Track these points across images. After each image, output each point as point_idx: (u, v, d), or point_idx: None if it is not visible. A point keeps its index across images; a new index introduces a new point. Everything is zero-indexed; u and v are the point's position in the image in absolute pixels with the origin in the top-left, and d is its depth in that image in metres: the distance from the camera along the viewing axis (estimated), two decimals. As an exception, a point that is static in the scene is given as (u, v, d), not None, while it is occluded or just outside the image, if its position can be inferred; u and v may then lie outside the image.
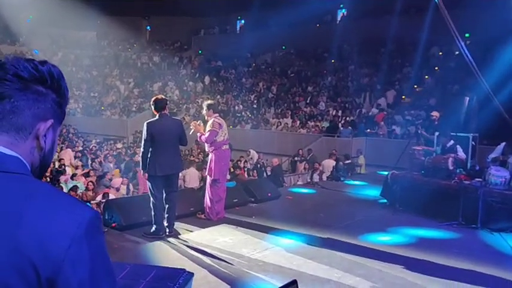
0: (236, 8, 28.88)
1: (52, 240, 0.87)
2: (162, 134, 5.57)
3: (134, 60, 31.70)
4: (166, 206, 5.73)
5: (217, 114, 6.56)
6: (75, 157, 14.35)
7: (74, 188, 8.92)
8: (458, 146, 7.67)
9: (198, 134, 6.40)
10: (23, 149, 0.98)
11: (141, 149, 5.68)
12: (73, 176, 10.60)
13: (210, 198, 6.52)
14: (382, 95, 18.82)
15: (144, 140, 5.59)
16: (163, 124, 5.64)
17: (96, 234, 0.92)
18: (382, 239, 5.91)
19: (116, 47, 33.55)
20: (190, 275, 2.33)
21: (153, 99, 5.83)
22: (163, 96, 5.98)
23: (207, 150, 6.65)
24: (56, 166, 11.36)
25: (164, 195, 5.73)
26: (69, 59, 30.94)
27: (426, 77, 18.52)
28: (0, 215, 0.88)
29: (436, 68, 19.05)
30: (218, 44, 29.26)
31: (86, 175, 11.25)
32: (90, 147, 17.44)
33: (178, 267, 2.96)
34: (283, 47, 28.03)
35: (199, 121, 6.68)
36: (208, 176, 6.57)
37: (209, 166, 6.49)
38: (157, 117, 5.68)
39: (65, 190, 9.12)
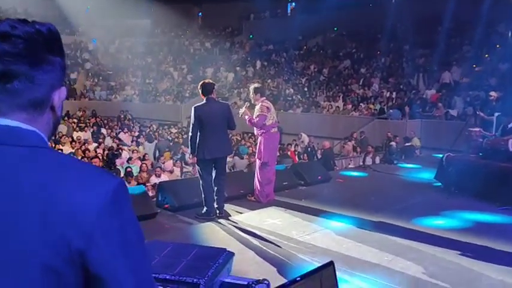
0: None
1: (81, 212, 0.86)
2: (209, 117, 5.62)
3: (187, 46, 32.17)
4: (215, 188, 5.81)
5: (264, 98, 6.53)
6: (131, 141, 14.86)
7: (129, 171, 9.21)
8: (520, 127, 7.24)
9: (247, 117, 6.40)
10: (41, 123, 0.97)
11: (189, 133, 5.76)
12: (129, 160, 10.96)
13: (259, 181, 6.55)
14: (438, 75, 18.05)
15: (192, 124, 5.66)
16: (211, 108, 5.68)
17: (124, 201, 0.91)
18: (436, 223, 5.71)
19: (169, 34, 34.15)
20: (231, 254, 2.35)
21: (200, 83, 5.88)
22: (211, 80, 6.01)
23: (256, 133, 6.66)
24: (114, 150, 11.79)
25: (213, 177, 5.80)
26: (124, 47, 31.89)
27: (486, 55, 17.55)
28: (25, 190, 0.86)
29: (498, 46, 18.00)
30: (269, 28, 29.07)
31: (142, 159, 11.61)
32: (147, 131, 17.96)
33: (221, 247, 2.99)
34: (335, 29, 27.47)
35: (247, 103, 6.68)
36: (257, 159, 6.59)
37: (258, 149, 6.51)
38: (204, 101, 5.73)
39: (122, 173, 9.49)
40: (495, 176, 6.65)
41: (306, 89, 21.73)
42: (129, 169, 9.68)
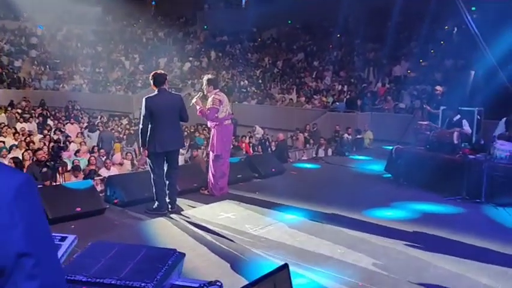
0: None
1: None
2: (161, 109, 5.42)
3: (139, 35, 31.39)
4: (167, 182, 5.63)
5: (217, 90, 6.40)
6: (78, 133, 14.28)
7: (76, 164, 8.85)
8: (464, 120, 7.51)
9: (198, 107, 6.25)
10: None
11: (140, 125, 5.55)
12: (77, 152, 10.54)
13: (213, 174, 6.43)
14: (388, 69, 18.50)
15: (143, 116, 5.45)
16: (163, 99, 5.49)
17: (27, 198, 0.92)
18: (386, 214, 5.82)
19: (121, 22, 33.11)
20: (181, 255, 2.24)
21: (152, 74, 5.66)
22: (162, 71, 5.80)
23: (209, 125, 6.52)
24: (60, 142, 11.28)
25: (165, 171, 5.62)
26: (73, 35, 30.71)
27: (432, 51, 18.14)
28: None
29: (442, 42, 18.65)
30: (223, 19, 28.77)
31: (91, 151, 11.19)
32: (96, 123, 17.35)
33: (169, 247, 2.86)
34: (289, 22, 27.55)
35: (200, 93, 6.52)
36: (210, 152, 6.47)
37: (211, 142, 6.38)
38: (156, 92, 5.53)
39: (69, 167, 9.08)
40: (441, 167, 6.86)
41: (260, 81, 21.73)
42: (76, 162, 9.30)
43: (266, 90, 20.57)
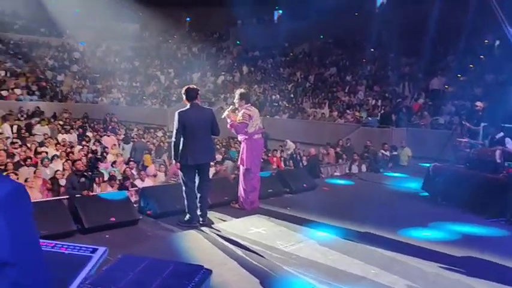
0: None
1: None
2: (193, 123, 5.41)
3: (174, 51, 31.93)
4: (199, 195, 5.60)
5: (249, 105, 6.36)
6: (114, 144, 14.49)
7: (112, 174, 8.95)
8: (507, 138, 7.15)
9: (228, 121, 6.23)
10: None
11: (173, 139, 5.54)
12: (113, 163, 10.68)
13: (243, 188, 6.35)
14: (423, 84, 18.08)
15: (176, 129, 5.44)
16: (195, 113, 5.48)
17: (14, 207, 0.91)
18: (422, 235, 5.56)
19: (157, 38, 33.89)
20: (208, 272, 2.17)
21: (184, 88, 5.66)
22: (195, 86, 5.80)
23: (239, 139, 6.47)
24: (99, 154, 11.49)
25: (196, 184, 5.59)
26: (112, 50, 31.58)
27: (471, 65, 17.62)
28: None
29: (482, 56, 18.08)
30: (256, 34, 28.86)
31: (127, 162, 11.32)
32: (132, 135, 17.63)
33: (199, 260, 2.78)
34: (321, 36, 27.46)
35: (231, 106, 6.48)
36: (241, 166, 6.40)
37: (241, 155, 6.33)
38: (188, 106, 5.52)
39: (106, 177, 9.20)
40: (482, 187, 6.53)
41: (292, 95, 21.63)
42: (112, 172, 9.42)
43: (298, 104, 20.45)
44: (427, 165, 8.04)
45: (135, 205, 6.17)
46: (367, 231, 5.58)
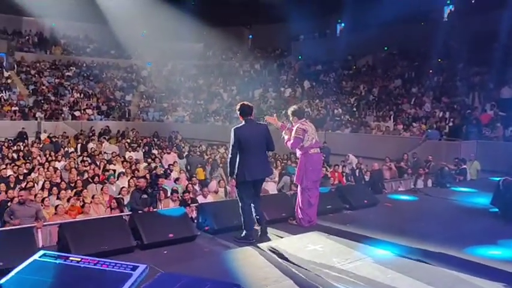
0: (336, 10, 28.36)
1: None
2: (249, 139, 5.52)
3: (237, 68, 32.61)
4: (255, 211, 5.67)
5: (303, 119, 6.37)
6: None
7: (174, 189, 9.28)
8: None
9: (286, 138, 6.28)
10: None
11: (229, 155, 5.66)
12: (176, 180, 11.04)
13: (300, 204, 6.34)
14: (494, 94, 17.16)
15: (232, 145, 5.56)
16: (250, 129, 5.58)
17: None
18: (492, 253, 5.24)
19: (220, 57, 34.82)
20: (243, 291, 2.20)
21: (239, 105, 5.78)
22: (249, 103, 5.90)
23: (297, 155, 6.50)
24: (161, 171, 11.93)
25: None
26: (177, 70, 32.82)
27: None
28: None
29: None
30: (318, 48, 28.85)
31: (189, 178, 11.67)
32: (196, 151, 18.13)
33: (255, 277, 2.80)
34: (385, 48, 26.92)
35: (290, 125, 6.53)
36: (296, 181, 6.41)
37: (297, 172, 6.33)
38: (243, 122, 5.64)
39: (169, 193, 9.54)
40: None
41: (354, 109, 21.32)
42: (175, 188, 9.74)
43: (361, 118, 20.11)
44: (497, 179, 7.60)
45: (194, 221, 6.35)
46: (431, 249, 5.36)
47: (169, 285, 2.24)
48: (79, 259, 2.03)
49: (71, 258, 2.05)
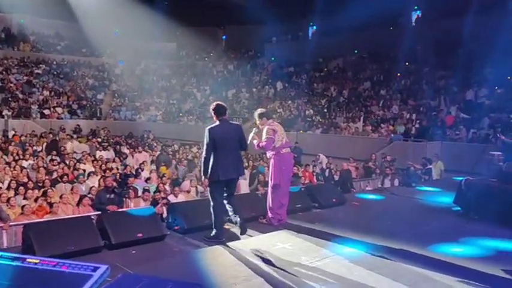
0: (308, 13, 28.61)
1: None
2: (223, 138, 5.47)
3: (210, 68, 32.46)
4: (231, 208, 5.66)
5: (270, 121, 6.37)
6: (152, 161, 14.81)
7: (146, 189, 9.13)
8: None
9: (255, 142, 6.25)
10: None
11: (203, 155, 5.58)
12: (147, 180, 10.87)
13: (271, 204, 6.33)
14: (459, 97, 17.62)
15: (206, 145, 5.49)
16: (224, 129, 5.54)
17: None
18: (454, 250, 5.36)
19: (194, 57, 34.59)
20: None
21: (213, 105, 5.73)
22: (223, 103, 5.86)
23: (268, 156, 6.47)
24: (130, 170, 11.76)
25: (225, 199, 5.63)
26: (150, 69, 32.42)
27: (508, 77, 17.04)
28: None
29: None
30: (290, 51, 29.10)
31: (161, 177, 11.50)
32: (168, 151, 17.92)
33: (224, 276, 2.76)
34: (355, 51, 27.31)
35: (254, 129, 6.50)
36: (269, 181, 6.39)
37: (270, 171, 6.31)
38: (217, 122, 5.60)
39: (140, 192, 9.38)
40: (516, 201, 6.26)
41: (325, 110, 21.53)
42: (146, 187, 9.57)
43: (331, 119, 20.33)
44: (460, 179, 7.79)
45: (165, 221, 6.25)
46: (396, 246, 5.44)
47: (130, 286, 2.18)
48: (37, 261, 1.95)
49: (28, 260, 1.95)
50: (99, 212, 6.66)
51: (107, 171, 11.54)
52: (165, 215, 7.53)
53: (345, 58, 27.52)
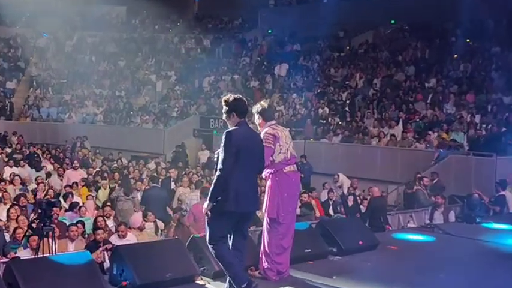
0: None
1: None
2: (247, 150, 5.44)
3: (177, 45, 32.54)
4: (237, 258, 5.57)
5: (273, 122, 6.35)
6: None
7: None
8: None
9: None
10: None
11: (219, 168, 5.40)
12: (80, 208, 10.86)
13: (267, 248, 6.31)
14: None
15: (227, 154, 5.33)
16: (247, 137, 5.51)
17: None
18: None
19: (152, 27, 34.54)
20: None
21: (230, 98, 5.61)
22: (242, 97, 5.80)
23: (262, 176, 6.45)
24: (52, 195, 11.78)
25: (232, 241, 5.59)
26: (86, 45, 32.35)
27: None
28: None
29: None
30: (296, 20, 29.20)
31: (101, 206, 11.47)
32: (112, 167, 17.90)
33: None
34: (392, 22, 27.55)
35: None
36: (264, 214, 6.38)
37: (265, 199, 6.30)
38: (236, 125, 5.52)
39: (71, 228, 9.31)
40: None
41: (347, 109, 21.61)
42: (80, 224, 9.51)
43: (356, 121, 20.40)
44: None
45: (106, 273, 6.21)
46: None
47: None
48: None
49: None
50: (7, 260, 6.60)
51: (21, 198, 11.49)
52: (107, 264, 7.48)
53: (377, 31, 27.70)
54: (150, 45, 32.79)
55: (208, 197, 5.48)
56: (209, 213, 5.43)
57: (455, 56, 22.29)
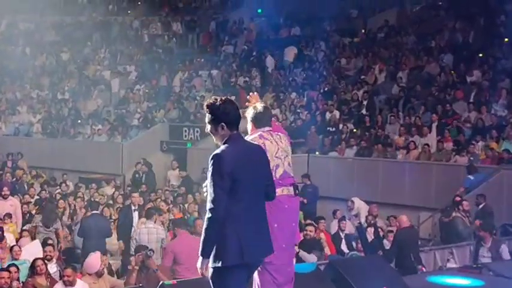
0: None
1: None
2: (246, 175, 5.15)
3: (137, 31, 32.61)
4: None
5: (266, 129, 6.33)
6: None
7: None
8: None
9: None
10: None
11: (209, 214, 5.05)
12: (11, 248, 10.82)
13: (258, 296, 6.29)
14: None
15: (219, 188, 5.12)
16: (244, 156, 5.22)
17: None
18: None
19: (104, 8, 34.56)
20: None
21: (219, 102, 5.26)
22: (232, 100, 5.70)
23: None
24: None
25: None
26: (20, 32, 32.36)
27: None
28: None
29: None
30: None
31: (44, 243, 11.39)
32: (55, 193, 17.86)
33: None
34: (421, -3, 27.79)
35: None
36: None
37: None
38: (228, 142, 5.29)
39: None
40: None
41: (364, 112, 21.65)
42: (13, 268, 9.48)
43: (375, 128, 20.44)
44: None
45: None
46: None
47: None
48: None
49: None
50: None
51: None
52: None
53: (401, 10, 27.84)
54: (102, 31, 32.86)
55: (199, 251, 5.15)
56: (209, 273, 5.28)
57: (506, 39, 22.37)
